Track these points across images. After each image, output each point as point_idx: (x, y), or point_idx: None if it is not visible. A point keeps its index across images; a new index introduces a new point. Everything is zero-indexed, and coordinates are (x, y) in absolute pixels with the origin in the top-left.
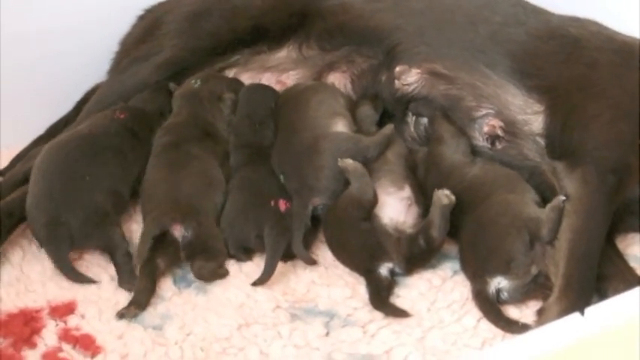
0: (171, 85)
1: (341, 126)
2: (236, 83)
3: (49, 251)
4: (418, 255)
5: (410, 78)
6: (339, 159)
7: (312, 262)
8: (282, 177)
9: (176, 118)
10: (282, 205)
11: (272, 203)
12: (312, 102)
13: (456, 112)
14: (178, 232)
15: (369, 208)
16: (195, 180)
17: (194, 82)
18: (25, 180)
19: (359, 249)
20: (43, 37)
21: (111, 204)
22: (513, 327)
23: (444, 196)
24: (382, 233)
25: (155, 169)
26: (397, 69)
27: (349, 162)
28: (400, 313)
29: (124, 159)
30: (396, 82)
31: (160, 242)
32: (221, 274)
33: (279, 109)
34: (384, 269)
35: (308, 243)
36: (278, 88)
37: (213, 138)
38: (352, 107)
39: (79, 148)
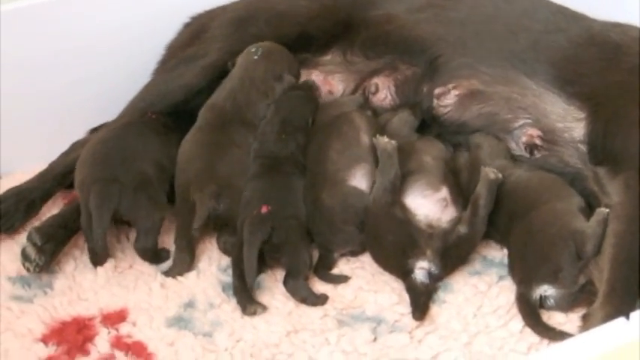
0: (229, 64)
1: (359, 176)
2: (298, 67)
3: (96, 206)
4: (452, 249)
5: (447, 100)
6: (373, 138)
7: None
8: None
9: (219, 95)
10: (264, 208)
11: (255, 212)
12: (333, 150)
13: (491, 127)
14: (211, 204)
15: (391, 188)
16: (234, 164)
17: (255, 52)
18: (65, 173)
19: (393, 245)
20: (44, 66)
21: (156, 176)
22: (550, 333)
23: (491, 172)
24: (415, 229)
25: (192, 145)
26: (437, 90)
27: (382, 140)
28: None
29: (164, 137)
30: (435, 100)
31: (192, 213)
32: None
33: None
34: (420, 273)
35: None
36: (326, 88)
37: (249, 127)
38: (380, 130)
39: (129, 130)
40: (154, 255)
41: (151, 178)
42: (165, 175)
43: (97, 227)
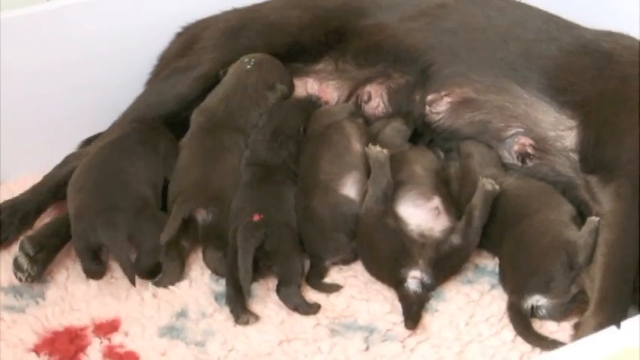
0: (221, 72)
1: (349, 184)
2: (289, 76)
3: (108, 237)
4: (444, 259)
5: (440, 107)
6: (365, 148)
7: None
8: None
9: (212, 100)
10: (256, 216)
11: (247, 220)
12: (324, 160)
13: (483, 135)
14: (200, 214)
15: (383, 198)
16: (227, 173)
17: (247, 62)
18: (59, 185)
19: (385, 255)
20: (41, 74)
21: (153, 196)
22: (543, 342)
23: (488, 183)
24: (407, 238)
25: (188, 152)
26: (429, 97)
27: (374, 149)
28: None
29: (148, 147)
30: (427, 107)
31: (183, 223)
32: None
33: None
34: (412, 283)
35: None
36: (321, 96)
37: (240, 132)
38: (372, 139)
39: (115, 148)
40: (152, 271)
41: (149, 200)
42: (157, 190)
43: (120, 257)
